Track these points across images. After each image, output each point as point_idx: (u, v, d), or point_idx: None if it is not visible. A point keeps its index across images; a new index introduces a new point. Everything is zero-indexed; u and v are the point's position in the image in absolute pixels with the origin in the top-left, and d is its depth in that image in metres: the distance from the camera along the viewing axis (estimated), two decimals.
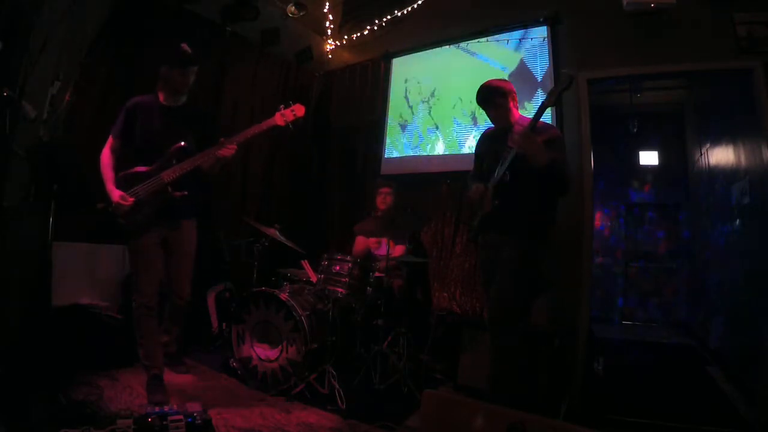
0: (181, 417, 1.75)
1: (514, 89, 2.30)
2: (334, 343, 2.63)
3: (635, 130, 5.48)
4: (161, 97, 2.36)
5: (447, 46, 3.94)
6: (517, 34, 3.56)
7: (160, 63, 2.33)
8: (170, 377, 2.49)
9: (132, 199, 2.20)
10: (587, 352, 2.87)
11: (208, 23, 3.64)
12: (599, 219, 6.16)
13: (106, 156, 2.31)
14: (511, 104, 2.26)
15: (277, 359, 2.56)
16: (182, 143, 2.26)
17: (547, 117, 2.83)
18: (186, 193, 2.25)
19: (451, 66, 3.91)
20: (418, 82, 4.10)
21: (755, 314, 2.87)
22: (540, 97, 3.37)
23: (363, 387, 2.58)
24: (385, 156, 4.21)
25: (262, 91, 4.21)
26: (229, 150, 2.25)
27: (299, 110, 2.38)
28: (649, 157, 6.02)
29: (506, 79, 2.40)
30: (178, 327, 2.64)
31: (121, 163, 2.33)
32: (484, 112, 2.37)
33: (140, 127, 2.29)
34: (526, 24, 3.51)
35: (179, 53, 2.30)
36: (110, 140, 2.34)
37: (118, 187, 2.23)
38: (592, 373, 2.98)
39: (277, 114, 2.36)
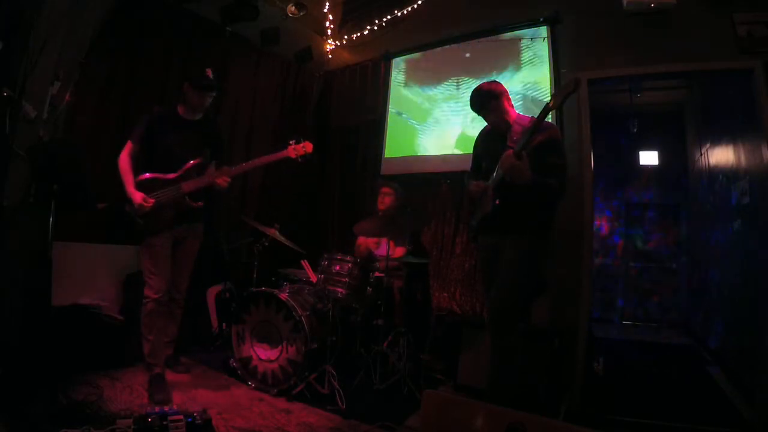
0: (181, 417, 1.75)
1: (506, 89, 2.30)
2: (334, 343, 2.63)
3: (635, 130, 5.48)
4: (180, 110, 2.54)
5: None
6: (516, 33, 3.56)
7: (184, 80, 2.51)
8: (170, 377, 2.50)
9: (153, 201, 2.36)
10: (587, 352, 2.87)
11: (208, 23, 3.64)
12: (599, 219, 6.16)
13: (124, 161, 2.42)
14: (506, 104, 2.27)
15: (277, 359, 2.57)
16: (199, 159, 2.47)
17: (547, 116, 2.83)
18: (201, 203, 2.50)
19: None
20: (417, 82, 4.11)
21: (755, 314, 2.86)
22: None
23: (363, 387, 2.58)
24: (385, 156, 4.21)
25: (262, 91, 4.22)
26: (223, 181, 2.46)
27: (309, 147, 2.61)
28: (649, 157, 6.01)
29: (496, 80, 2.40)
30: (176, 326, 2.69)
31: (136, 165, 2.46)
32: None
33: (160, 136, 2.45)
34: (526, 24, 3.51)
35: (201, 78, 2.48)
36: (129, 145, 2.46)
37: (138, 189, 2.37)
38: (592, 373, 2.98)
39: (290, 147, 2.60)
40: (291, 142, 2.62)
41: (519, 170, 1.98)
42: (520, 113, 2.31)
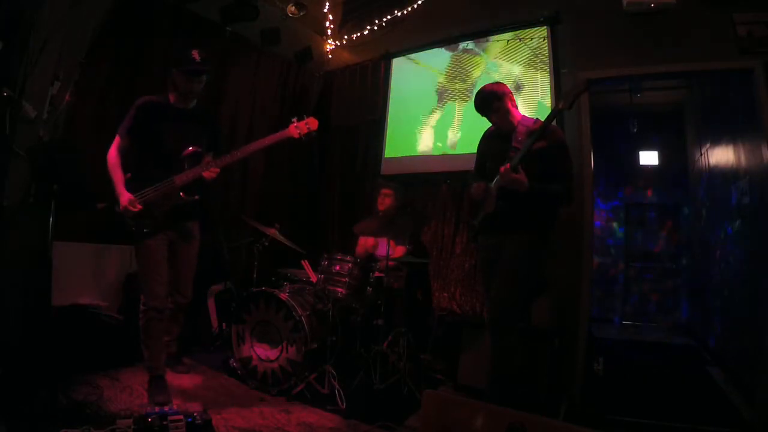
0: (181, 417, 1.75)
1: (509, 90, 2.31)
2: (334, 343, 2.63)
3: (635, 130, 5.48)
4: (171, 98, 2.35)
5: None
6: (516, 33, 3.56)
7: (171, 65, 2.32)
8: (170, 377, 2.50)
9: (140, 207, 2.18)
10: (587, 352, 2.87)
11: (208, 23, 3.64)
12: (599, 219, 6.16)
13: (113, 156, 2.25)
14: (509, 105, 2.27)
15: (277, 359, 2.56)
16: (194, 148, 2.28)
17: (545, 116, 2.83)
18: (197, 197, 2.29)
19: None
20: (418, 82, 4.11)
21: (755, 314, 2.86)
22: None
23: (363, 387, 2.58)
24: (385, 156, 4.21)
25: (262, 91, 4.22)
26: (211, 173, 2.26)
27: (313, 124, 2.35)
28: (649, 157, 6.02)
29: (500, 81, 2.41)
30: (179, 327, 2.66)
31: (127, 161, 2.29)
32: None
33: (150, 127, 2.26)
34: (526, 24, 3.50)
35: (189, 61, 2.26)
36: (117, 139, 2.28)
37: (128, 188, 2.21)
38: (592, 373, 2.98)
39: (292, 126, 2.34)
40: (293, 119, 2.32)
41: (517, 184, 2.03)
42: (525, 114, 2.32)
